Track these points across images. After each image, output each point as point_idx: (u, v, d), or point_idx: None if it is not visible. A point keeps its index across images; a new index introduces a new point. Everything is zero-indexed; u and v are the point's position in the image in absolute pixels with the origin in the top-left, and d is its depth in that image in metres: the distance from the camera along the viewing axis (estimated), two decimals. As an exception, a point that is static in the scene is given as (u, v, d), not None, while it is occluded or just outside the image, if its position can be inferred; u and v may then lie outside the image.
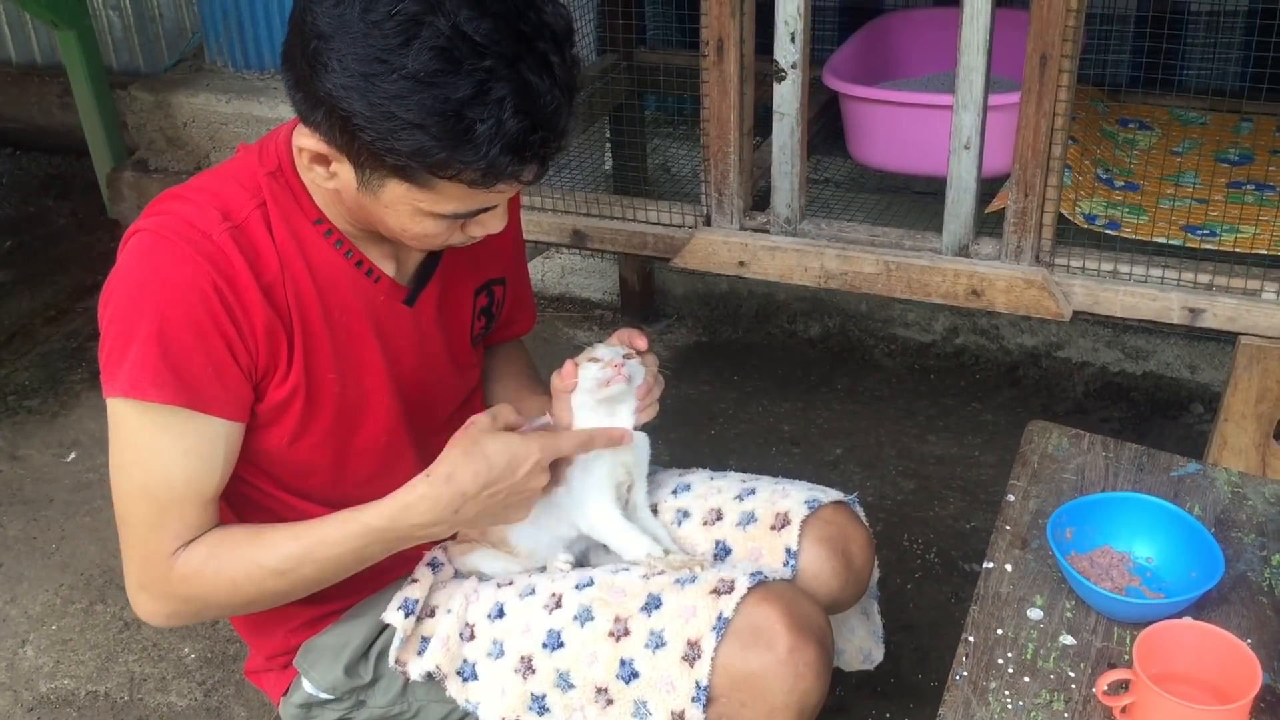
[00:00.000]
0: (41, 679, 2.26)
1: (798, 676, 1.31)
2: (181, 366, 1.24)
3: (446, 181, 1.18)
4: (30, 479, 2.77)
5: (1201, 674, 1.16)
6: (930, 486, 2.61)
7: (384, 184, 1.21)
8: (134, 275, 1.25)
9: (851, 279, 1.99)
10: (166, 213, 1.28)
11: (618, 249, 2.17)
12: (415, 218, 1.24)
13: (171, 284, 1.24)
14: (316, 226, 1.33)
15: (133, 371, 1.24)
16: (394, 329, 1.41)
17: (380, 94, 1.12)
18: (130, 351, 1.24)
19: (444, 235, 1.29)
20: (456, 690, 1.44)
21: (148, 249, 1.25)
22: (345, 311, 1.36)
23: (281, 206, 1.31)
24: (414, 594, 1.47)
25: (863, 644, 1.69)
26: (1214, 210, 2.04)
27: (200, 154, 3.67)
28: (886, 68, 2.51)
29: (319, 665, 1.48)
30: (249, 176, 1.31)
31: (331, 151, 1.21)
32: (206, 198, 1.28)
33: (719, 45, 1.89)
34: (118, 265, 1.28)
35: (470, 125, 1.13)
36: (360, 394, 1.40)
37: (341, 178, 1.24)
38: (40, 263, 3.68)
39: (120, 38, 4.12)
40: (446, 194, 1.20)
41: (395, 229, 1.27)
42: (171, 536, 1.31)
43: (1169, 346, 2.87)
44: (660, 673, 1.34)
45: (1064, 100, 1.74)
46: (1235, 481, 1.49)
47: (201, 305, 1.24)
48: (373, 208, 1.25)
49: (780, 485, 1.57)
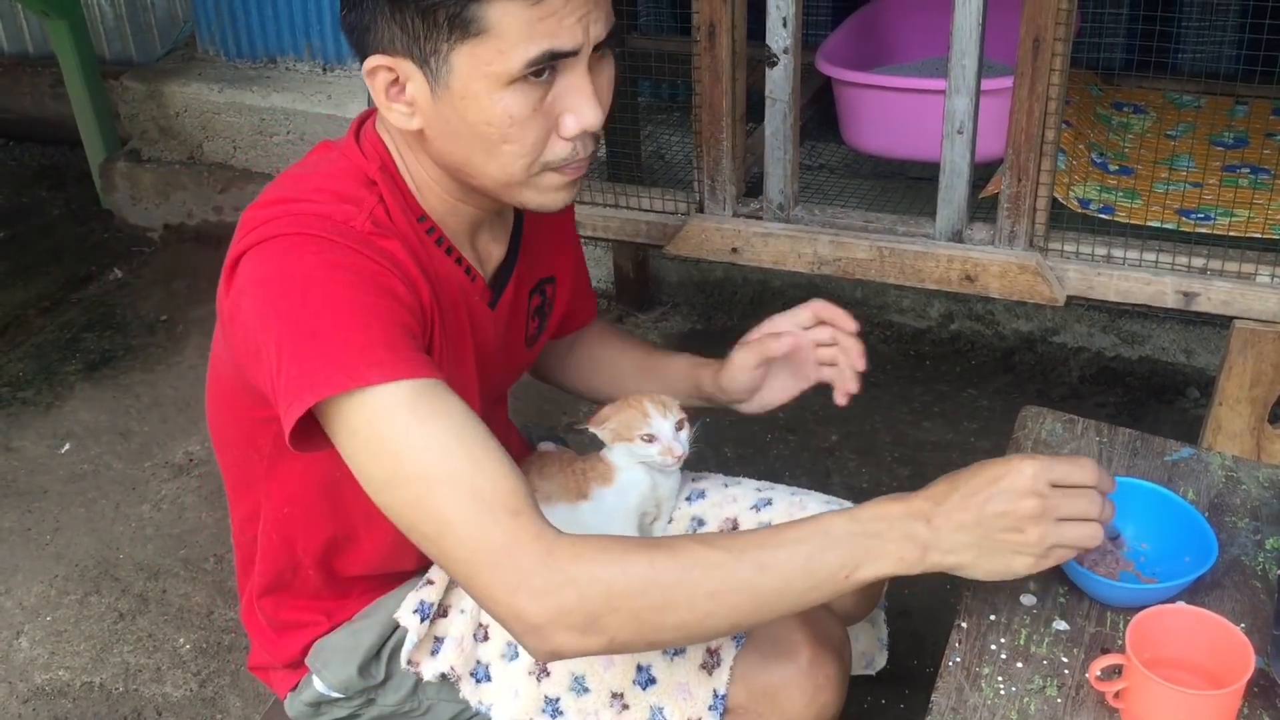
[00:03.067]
0: (36, 670, 2.25)
1: (817, 689, 1.31)
2: (390, 330, 1.11)
3: (498, 4, 1.09)
4: (24, 470, 2.76)
5: (1195, 659, 1.16)
6: (926, 473, 2.60)
7: (450, 65, 1.13)
8: (297, 266, 1.12)
9: (845, 265, 1.98)
10: (290, 215, 1.16)
11: (611, 236, 2.17)
12: (493, 95, 1.13)
13: (342, 262, 1.13)
14: (421, 224, 1.27)
15: (358, 356, 1.08)
16: (483, 331, 1.37)
17: None
18: (337, 340, 1.08)
19: (534, 126, 1.16)
20: (470, 691, 1.43)
21: (292, 244, 1.14)
22: (454, 313, 1.30)
23: (396, 203, 1.25)
24: (429, 596, 1.44)
25: (865, 650, 1.69)
26: (1208, 194, 2.03)
27: (193, 143, 3.66)
28: (879, 53, 2.50)
29: (331, 665, 1.45)
30: (359, 171, 1.24)
31: (397, 61, 1.15)
32: (325, 196, 1.20)
33: (711, 31, 1.88)
34: (262, 272, 1.14)
35: None
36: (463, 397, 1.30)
37: (419, 100, 1.17)
38: (33, 254, 3.67)
39: (112, 27, 4.10)
40: (506, 32, 1.10)
41: (481, 129, 1.16)
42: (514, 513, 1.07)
43: (1164, 331, 2.86)
44: (677, 680, 1.33)
45: (1057, 84, 1.74)
46: (1229, 466, 1.48)
47: (378, 275, 1.15)
48: (454, 118, 1.16)
49: (796, 496, 1.56)
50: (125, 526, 2.58)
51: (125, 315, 3.35)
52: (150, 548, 2.52)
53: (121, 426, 2.89)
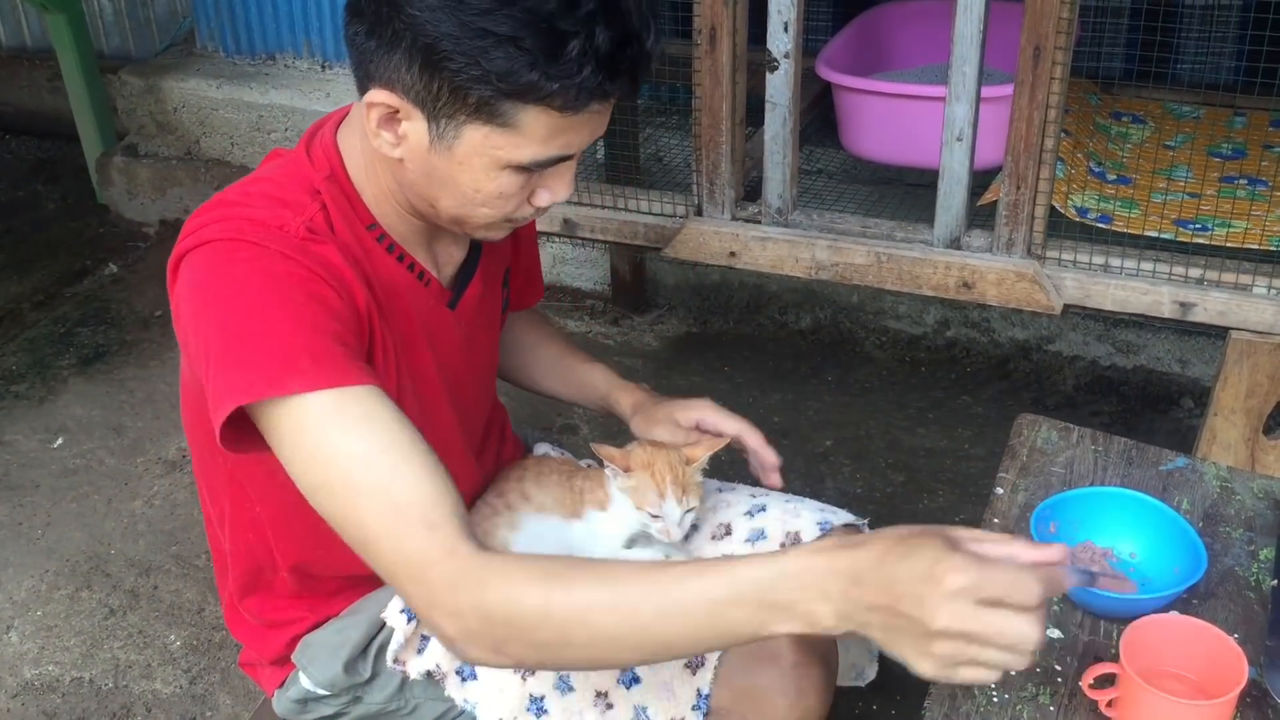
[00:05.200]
0: (26, 665, 2.25)
1: (800, 693, 1.30)
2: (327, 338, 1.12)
3: (533, 110, 1.12)
4: (16, 464, 2.76)
5: (1188, 668, 1.16)
6: (919, 479, 2.60)
7: (460, 133, 1.14)
8: (231, 271, 1.13)
9: (843, 270, 1.98)
10: (227, 219, 1.17)
11: (609, 238, 2.16)
12: (490, 172, 1.17)
13: (275, 267, 1.14)
14: (370, 232, 1.27)
15: (281, 367, 1.09)
16: (442, 335, 1.37)
17: (470, 11, 1.08)
18: (261, 347, 1.10)
19: (515, 199, 1.21)
20: (455, 689, 1.42)
21: (229, 252, 1.15)
22: (404, 318, 1.31)
23: (341, 210, 1.25)
24: None
25: (856, 660, 1.68)
26: (1206, 205, 2.04)
27: (190, 139, 3.65)
28: (879, 59, 2.50)
29: (317, 661, 1.45)
30: (304, 179, 1.24)
31: (405, 105, 1.15)
32: (266, 201, 1.20)
33: (712, 34, 1.88)
34: (197, 277, 1.15)
35: (562, 38, 1.08)
36: (418, 403, 1.33)
37: (411, 140, 1.17)
38: (29, 247, 3.66)
39: (111, 22, 4.09)
40: (529, 132, 1.14)
41: (466, 191, 1.19)
42: (433, 528, 1.07)
43: (1160, 341, 2.87)
44: (661, 679, 1.33)
45: (1057, 92, 1.74)
46: (1224, 476, 1.48)
47: (311, 280, 1.15)
48: (443, 169, 1.18)
49: (790, 503, 1.56)
50: (117, 522, 2.57)
51: (120, 310, 3.34)
52: (142, 543, 2.51)
53: (114, 422, 2.88)
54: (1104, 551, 1.35)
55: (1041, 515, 1.34)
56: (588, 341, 3.13)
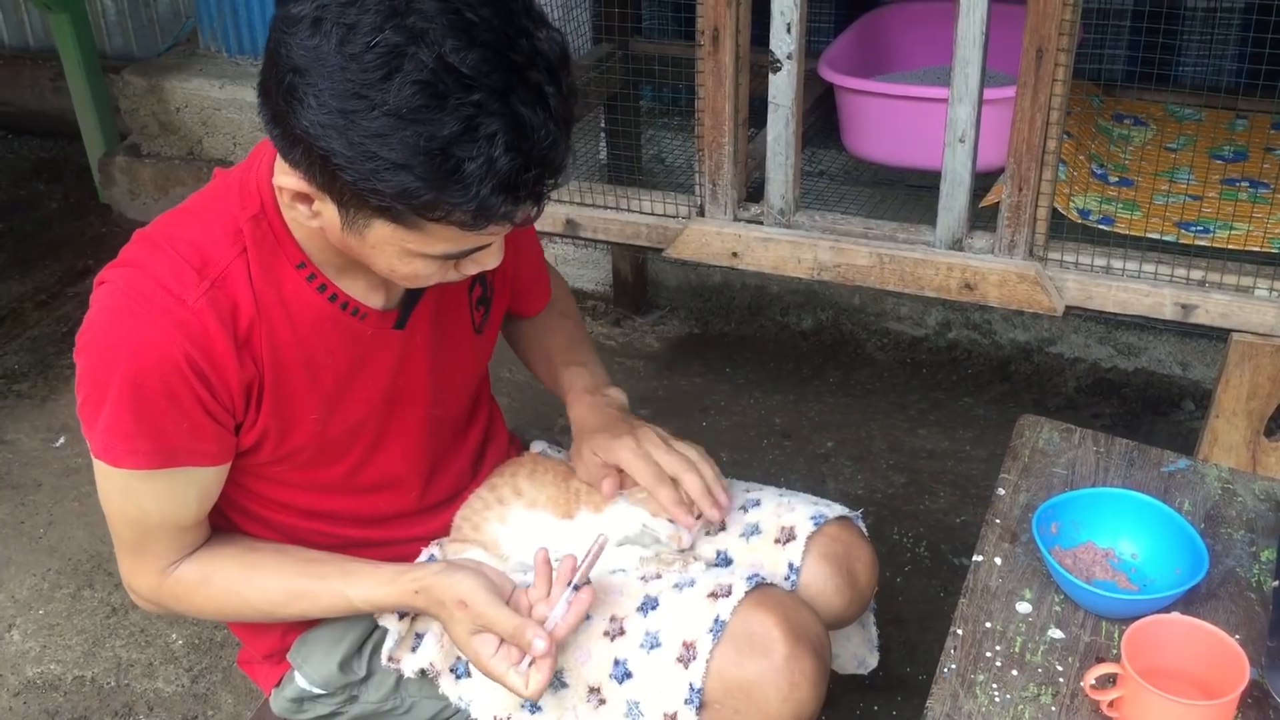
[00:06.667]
0: (28, 663, 2.25)
1: (793, 686, 1.30)
2: (155, 431, 1.23)
3: (436, 223, 1.10)
4: (18, 463, 2.76)
5: (1189, 669, 1.16)
6: (920, 480, 2.61)
7: (369, 224, 1.13)
8: (106, 337, 1.22)
9: (845, 271, 1.98)
10: (140, 265, 1.23)
11: (611, 239, 2.17)
12: (404, 259, 1.17)
13: (142, 352, 1.20)
14: (299, 271, 1.28)
15: (106, 436, 1.24)
16: (384, 358, 1.37)
17: (361, 132, 1.04)
18: (103, 413, 1.23)
19: (436, 275, 1.22)
20: (449, 687, 1.43)
21: (121, 310, 1.21)
22: (329, 353, 1.32)
23: (263, 253, 1.25)
24: None
25: (857, 650, 1.69)
26: (1208, 207, 2.04)
27: (193, 139, 3.65)
28: (881, 61, 2.50)
29: (312, 660, 1.46)
30: (230, 220, 1.25)
31: (313, 190, 1.13)
32: (184, 248, 1.23)
33: (715, 35, 1.89)
34: (90, 314, 1.24)
35: (458, 164, 1.04)
36: (347, 428, 1.37)
37: (325, 217, 1.17)
38: (31, 247, 3.67)
39: (114, 22, 4.10)
40: (436, 235, 1.13)
41: (384, 269, 1.21)
42: (156, 557, 1.35)
43: (1161, 343, 2.87)
44: (654, 673, 1.33)
45: (1060, 94, 1.74)
46: (1225, 477, 1.49)
47: (175, 374, 1.21)
48: (359, 248, 1.18)
49: (785, 498, 1.56)
50: (119, 521, 2.57)
51: (122, 310, 3.34)
52: (144, 543, 2.51)
53: (117, 421, 2.88)
54: (1105, 552, 1.36)
55: (1043, 516, 1.34)
56: (589, 342, 3.13)
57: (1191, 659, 1.16)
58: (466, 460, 1.57)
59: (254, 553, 1.39)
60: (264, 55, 1.11)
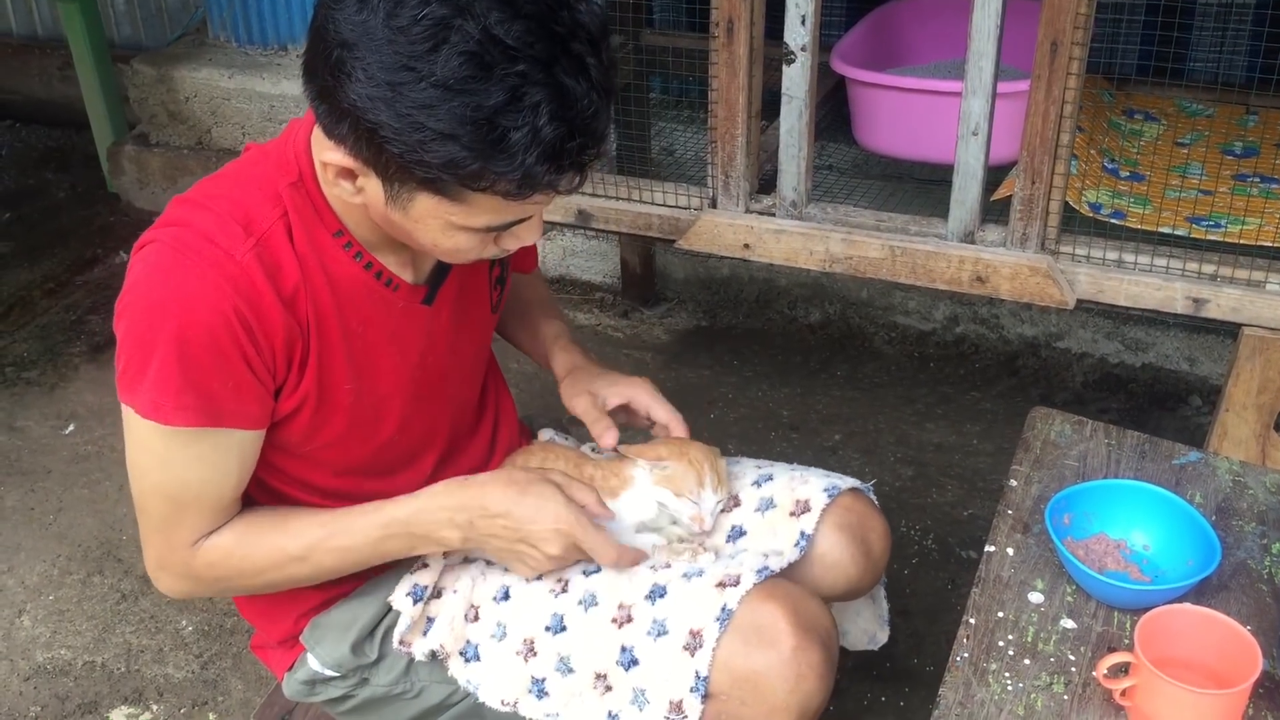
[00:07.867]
0: (38, 649, 2.26)
1: (800, 677, 1.31)
2: (201, 387, 1.22)
3: (480, 194, 1.13)
4: (28, 450, 2.77)
5: (1202, 659, 1.17)
6: (928, 474, 2.61)
7: (413, 198, 1.16)
8: (153, 292, 1.21)
9: (856, 263, 1.99)
10: (185, 224, 1.23)
11: (622, 229, 2.17)
12: (447, 232, 1.20)
13: (192, 306, 1.20)
14: (336, 239, 1.29)
15: (153, 393, 1.22)
16: (413, 332, 1.39)
17: (408, 103, 1.06)
18: (150, 370, 1.21)
19: (477, 249, 1.24)
20: (459, 670, 1.44)
21: (168, 266, 1.21)
22: (364, 323, 1.33)
23: (304, 218, 1.27)
24: (423, 580, 1.46)
25: (868, 626, 1.70)
26: (1219, 202, 2.04)
27: (202, 129, 3.66)
28: (894, 54, 2.50)
29: (325, 642, 1.47)
30: (269, 185, 1.26)
31: (358, 165, 1.16)
32: (227, 207, 1.24)
33: (729, 26, 1.89)
34: (133, 275, 1.23)
35: (504, 134, 1.07)
36: (376, 400, 1.38)
37: (369, 193, 1.19)
38: (39, 235, 3.67)
39: (123, 11, 4.10)
40: (480, 206, 1.15)
41: (426, 243, 1.23)
42: (190, 530, 1.33)
43: (1168, 339, 2.87)
44: (660, 661, 1.34)
45: (1074, 88, 1.74)
46: (1236, 470, 1.49)
47: (223, 328, 1.20)
48: (402, 222, 1.20)
49: (797, 471, 1.57)
50: (128, 508, 2.57)
51: (131, 298, 3.35)
52: (153, 530, 2.52)
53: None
54: (1118, 544, 1.36)
55: (1056, 507, 1.35)
56: (596, 334, 3.14)
57: (1204, 649, 1.17)
58: (481, 445, 1.58)
59: (285, 508, 1.39)
60: (308, 34, 1.14)
